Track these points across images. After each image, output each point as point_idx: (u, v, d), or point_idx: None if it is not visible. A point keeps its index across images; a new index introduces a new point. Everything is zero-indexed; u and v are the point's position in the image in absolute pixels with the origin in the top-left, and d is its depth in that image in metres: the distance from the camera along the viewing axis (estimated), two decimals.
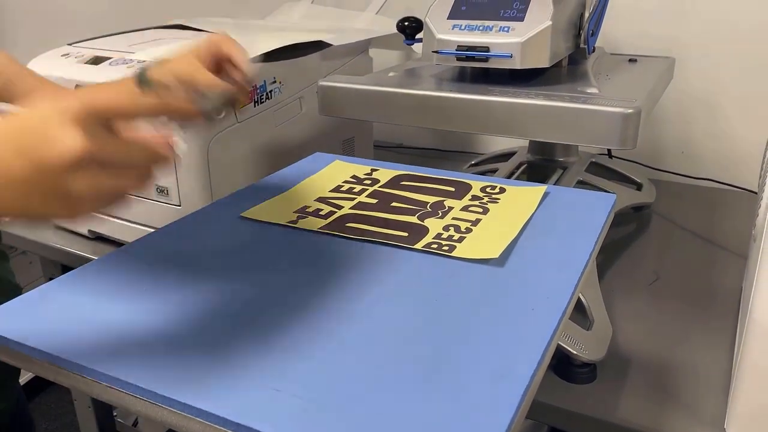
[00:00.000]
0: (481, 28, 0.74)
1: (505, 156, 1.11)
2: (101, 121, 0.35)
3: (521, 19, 0.72)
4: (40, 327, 0.43)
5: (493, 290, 0.47)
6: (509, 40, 0.72)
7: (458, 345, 0.41)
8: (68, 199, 0.34)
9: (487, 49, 0.72)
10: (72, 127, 0.33)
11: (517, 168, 1.01)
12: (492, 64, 0.73)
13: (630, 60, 0.92)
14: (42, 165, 0.33)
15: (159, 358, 0.40)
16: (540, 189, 0.63)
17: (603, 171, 1.08)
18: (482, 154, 1.25)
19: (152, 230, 0.90)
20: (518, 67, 0.72)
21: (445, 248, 0.52)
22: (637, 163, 1.16)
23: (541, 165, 0.99)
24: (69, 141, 0.33)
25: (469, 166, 1.17)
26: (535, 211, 0.59)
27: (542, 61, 0.72)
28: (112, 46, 0.96)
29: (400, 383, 0.38)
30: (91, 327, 0.43)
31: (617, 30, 1.12)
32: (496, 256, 0.51)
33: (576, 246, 0.53)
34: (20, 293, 0.47)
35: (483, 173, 1.11)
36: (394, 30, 0.92)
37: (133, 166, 0.36)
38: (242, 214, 0.59)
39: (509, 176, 0.98)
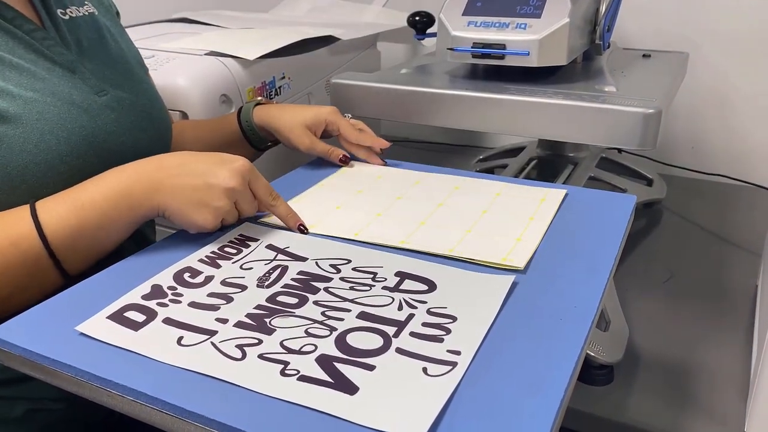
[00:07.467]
0: (497, 24, 0.73)
1: (514, 151, 1.10)
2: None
3: (538, 16, 0.71)
4: (62, 336, 0.43)
5: (520, 299, 0.46)
6: (526, 38, 0.70)
7: (489, 358, 0.40)
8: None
9: (503, 46, 0.71)
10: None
11: (527, 164, 1.00)
12: (508, 62, 0.72)
13: (644, 55, 0.91)
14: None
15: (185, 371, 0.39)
16: (560, 192, 0.62)
17: (613, 166, 1.08)
18: (491, 148, 1.23)
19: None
20: (535, 65, 0.71)
21: (469, 254, 0.52)
22: (647, 158, 1.15)
23: (552, 160, 0.98)
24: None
25: (477, 161, 1.16)
26: (556, 214, 0.59)
27: (560, 59, 0.71)
28: None
29: None
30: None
31: (629, 24, 1.11)
32: (521, 267, 0.50)
33: (599, 251, 0.52)
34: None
35: (492, 169, 1.10)
36: (404, 23, 0.91)
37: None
38: (261, 221, 0.58)
39: (519, 172, 0.97)
